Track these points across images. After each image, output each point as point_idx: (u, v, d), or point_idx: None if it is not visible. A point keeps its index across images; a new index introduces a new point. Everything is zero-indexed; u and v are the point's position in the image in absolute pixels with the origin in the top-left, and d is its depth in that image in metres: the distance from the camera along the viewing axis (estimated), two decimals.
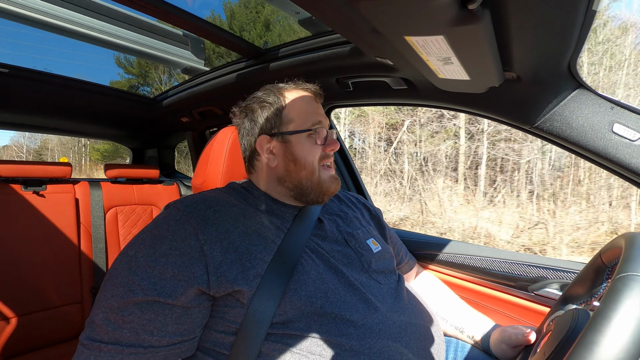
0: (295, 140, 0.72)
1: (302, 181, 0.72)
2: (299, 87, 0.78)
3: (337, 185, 0.75)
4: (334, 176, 0.75)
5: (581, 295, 0.58)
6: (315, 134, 0.73)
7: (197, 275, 0.54)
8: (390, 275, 0.75)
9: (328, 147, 0.74)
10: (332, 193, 0.74)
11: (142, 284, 0.52)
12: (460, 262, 1.06)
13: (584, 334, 0.34)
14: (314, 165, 0.72)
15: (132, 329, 0.50)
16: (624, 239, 0.46)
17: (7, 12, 1.03)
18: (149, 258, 0.54)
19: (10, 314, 1.30)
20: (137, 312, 0.51)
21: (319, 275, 0.62)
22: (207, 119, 1.76)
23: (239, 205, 0.68)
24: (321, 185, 0.73)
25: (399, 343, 0.60)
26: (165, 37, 1.35)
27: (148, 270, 0.53)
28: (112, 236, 1.63)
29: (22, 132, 24.01)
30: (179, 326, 0.53)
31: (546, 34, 0.56)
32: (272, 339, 0.56)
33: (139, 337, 0.50)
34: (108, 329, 0.50)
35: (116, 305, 0.51)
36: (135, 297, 0.51)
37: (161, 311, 0.52)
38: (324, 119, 0.76)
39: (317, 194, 0.73)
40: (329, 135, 0.75)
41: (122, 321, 0.50)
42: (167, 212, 0.62)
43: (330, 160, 0.75)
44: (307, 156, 0.72)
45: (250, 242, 0.60)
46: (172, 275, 0.53)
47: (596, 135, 0.72)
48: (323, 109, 0.81)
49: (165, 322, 0.52)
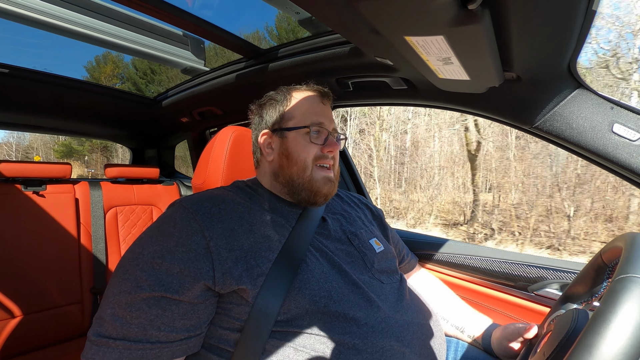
0: (292, 136, 0.73)
1: (293, 177, 0.72)
2: (309, 89, 0.79)
3: (329, 188, 0.73)
4: (329, 178, 0.73)
5: (581, 295, 0.58)
6: (312, 132, 0.73)
7: (203, 271, 0.55)
8: (393, 275, 0.75)
9: (326, 148, 0.73)
10: (324, 195, 0.72)
11: (149, 280, 0.52)
12: (460, 262, 1.06)
13: (583, 335, 0.34)
14: (306, 162, 0.71)
15: (140, 324, 0.51)
16: (624, 239, 0.46)
17: (7, 12, 1.03)
18: (156, 254, 0.54)
19: (10, 314, 1.30)
20: (145, 308, 0.51)
21: (323, 274, 0.63)
22: (207, 119, 1.76)
23: (244, 203, 0.68)
24: (312, 184, 0.71)
25: (401, 342, 0.61)
26: (165, 37, 1.35)
27: (155, 267, 0.53)
28: (112, 236, 1.63)
29: (12, 132, 24.18)
30: (186, 322, 0.54)
31: (546, 34, 0.56)
32: (276, 336, 0.57)
33: (146, 332, 0.51)
34: (116, 325, 0.51)
35: (124, 301, 0.52)
36: (142, 292, 0.52)
37: (168, 307, 0.52)
38: (328, 121, 0.75)
39: (308, 193, 0.72)
40: (330, 137, 0.75)
41: (129, 317, 0.51)
42: (173, 209, 0.63)
43: (329, 163, 0.74)
44: (300, 152, 0.72)
45: (255, 240, 0.61)
46: (178, 271, 0.54)
47: (596, 135, 0.72)
48: (332, 113, 0.80)
49: (173, 318, 0.53)
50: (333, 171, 0.75)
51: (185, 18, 1.00)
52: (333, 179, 0.74)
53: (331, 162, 0.74)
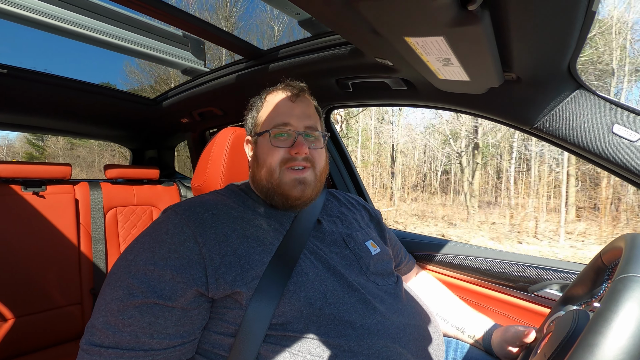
0: (260, 140, 0.74)
1: (263, 182, 0.71)
2: (282, 88, 0.78)
3: (299, 191, 0.69)
4: (298, 179, 0.69)
5: (581, 296, 0.58)
6: (271, 135, 0.71)
7: (195, 277, 0.54)
8: (389, 277, 0.75)
9: (293, 150, 0.70)
10: (295, 197, 0.69)
11: (141, 287, 0.52)
12: (460, 263, 1.06)
13: (585, 335, 0.34)
14: (272, 166, 0.70)
15: (132, 332, 0.50)
16: (624, 240, 0.46)
17: (7, 13, 1.03)
18: (148, 261, 0.54)
19: (10, 314, 1.30)
20: (137, 315, 0.51)
21: (318, 276, 0.63)
22: (207, 120, 1.76)
23: (237, 208, 0.68)
24: (281, 187, 0.69)
25: (397, 344, 0.60)
26: (165, 38, 1.35)
27: (147, 274, 0.53)
28: (111, 237, 1.63)
29: (1, 135, 24.08)
30: (179, 328, 0.53)
31: (546, 34, 0.56)
32: (270, 340, 0.56)
33: (139, 340, 0.50)
34: (108, 333, 0.50)
35: (116, 309, 0.51)
36: (134, 300, 0.51)
37: (161, 314, 0.52)
38: (296, 120, 0.72)
39: (280, 197, 0.70)
40: (298, 137, 0.71)
41: (122, 324, 0.50)
42: (165, 216, 0.62)
43: (302, 164, 0.70)
44: (265, 157, 0.71)
45: (248, 244, 0.61)
46: (171, 277, 0.53)
47: (596, 136, 0.72)
48: (311, 109, 0.77)
49: (165, 325, 0.52)
50: (311, 172, 0.72)
51: (185, 19, 1.00)
52: (306, 181, 0.70)
53: (304, 164, 0.70)
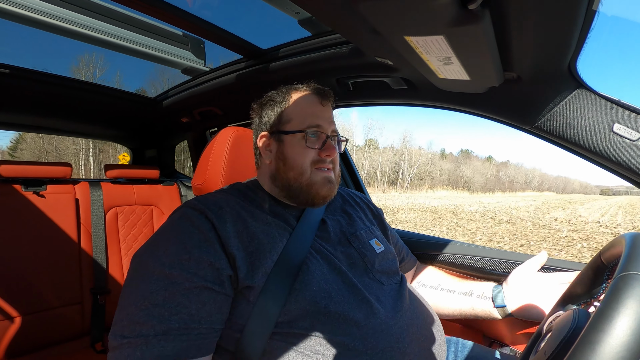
0: (289, 140, 0.72)
1: (290, 182, 0.71)
2: (309, 89, 0.77)
3: (328, 190, 0.72)
4: (328, 178, 0.72)
5: (581, 296, 0.58)
6: (308, 136, 0.71)
7: (225, 266, 0.56)
8: (393, 276, 0.75)
9: (324, 152, 0.71)
10: (323, 197, 0.71)
11: (184, 274, 0.53)
12: (461, 262, 1.06)
13: (586, 332, 0.34)
14: (303, 167, 0.70)
15: (181, 319, 0.51)
16: (624, 239, 0.46)
17: (7, 12, 1.03)
18: (182, 251, 0.55)
19: (10, 314, 1.30)
20: (185, 302, 0.52)
21: (323, 275, 0.63)
22: (207, 120, 1.76)
23: (246, 207, 0.68)
24: (311, 187, 0.70)
25: (400, 343, 0.61)
26: (165, 37, 1.35)
27: (184, 262, 0.54)
28: (112, 236, 1.63)
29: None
30: (222, 315, 0.56)
31: (546, 34, 0.56)
32: (276, 337, 0.57)
33: (187, 326, 0.51)
34: (154, 322, 0.50)
35: (161, 299, 0.51)
36: (179, 287, 0.52)
37: (208, 299, 0.54)
38: (327, 124, 0.73)
39: (306, 195, 0.71)
40: (328, 140, 0.73)
41: (168, 313, 0.51)
42: (183, 211, 0.63)
43: (329, 166, 0.73)
44: (296, 158, 0.71)
45: (258, 242, 0.62)
46: (209, 263, 0.55)
47: (596, 135, 0.72)
48: (332, 114, 0.78)
49: (210, 311, 0.54)
50: (333, 173, 0.74)
51: (185, 18, 1.00)
52: (333, 180, 0.73)
53: (330, 166, 0.73)
